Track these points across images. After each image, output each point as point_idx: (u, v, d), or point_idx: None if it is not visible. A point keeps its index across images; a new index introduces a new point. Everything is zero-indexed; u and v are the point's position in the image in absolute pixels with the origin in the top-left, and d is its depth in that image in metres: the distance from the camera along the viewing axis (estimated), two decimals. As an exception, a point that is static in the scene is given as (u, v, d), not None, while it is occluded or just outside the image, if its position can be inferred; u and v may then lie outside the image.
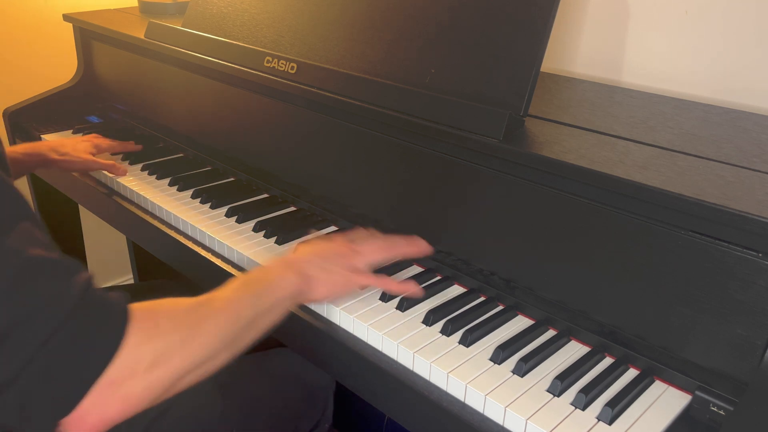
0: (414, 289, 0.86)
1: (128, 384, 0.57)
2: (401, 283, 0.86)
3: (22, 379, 0.52)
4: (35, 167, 1.20)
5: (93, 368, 0.55)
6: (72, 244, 1.68)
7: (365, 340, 0.82)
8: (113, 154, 1.31)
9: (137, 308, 0.60)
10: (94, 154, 1.23)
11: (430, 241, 0.94)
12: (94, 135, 1.32)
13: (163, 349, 0.59)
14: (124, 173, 1.24)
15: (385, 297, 0.87)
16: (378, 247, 0.87)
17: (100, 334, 0.56)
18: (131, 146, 1.32)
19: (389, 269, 0.93)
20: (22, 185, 1.54)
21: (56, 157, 1.18)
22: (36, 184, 1.54)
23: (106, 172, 1.24)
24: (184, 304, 0.65)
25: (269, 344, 0.82)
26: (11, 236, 0.55)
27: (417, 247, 0.90)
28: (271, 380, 1.02)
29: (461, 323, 0.81)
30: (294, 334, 0.89)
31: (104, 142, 1.29)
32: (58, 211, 1.61)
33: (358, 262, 0.84)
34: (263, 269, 0.78)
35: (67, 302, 0.55)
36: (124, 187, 1.21)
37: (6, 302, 0.52)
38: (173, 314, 0.63)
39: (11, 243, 0.54)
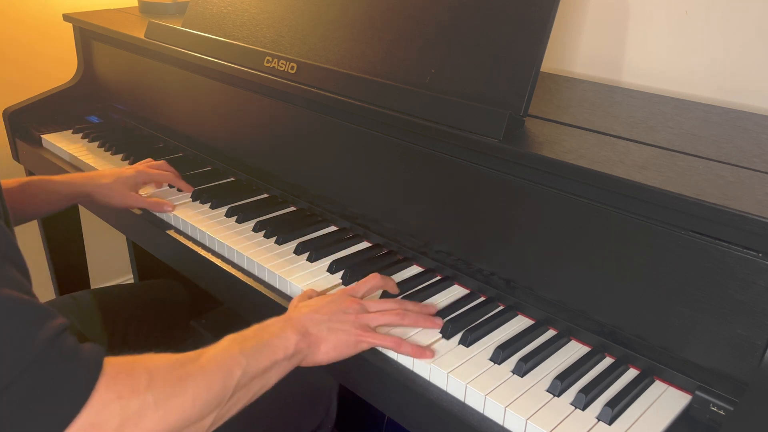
0: (430, 355, 0.77)
1: None
2: (416, 346, 0.76)
3: None
4: (74, 199, 1.11)
5: (54, 424, 0.50)
6: (72, 244, 1.68)
7: (365, 340, 0.82)
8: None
9: (112, 362, 0.55)
10: (138, 185, 1.14)
11: (430, 241, 0.94)
12: (140, 166, 1.17)
13: (135, 409, 0.54)
14: (169, 211, 1.11)
15: (386, 298, 0.87)
16: (389, 310, 0.80)
17: (65, 386, 0.51)
18: (182, 183, 1.18)
19: (389, 270, 0.93)
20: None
21: (96, 190, 1.09)
22: (36, 184, 1.54)
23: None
24: (165, 360, 0.59)
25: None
26: None
27: (431, 321, 0.81)
28: None
29: (461, 323, 0.81)
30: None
31: (154, 172, 1.15)
32: (58, 212, 1.60)
33: (369, 320, 0.78)
34: (261, 326, 0.71)
35: (33, 348, 0.51)
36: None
37: None
38: (151, 371, 0.57)
39: None
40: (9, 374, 0.50)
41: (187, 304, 1.30)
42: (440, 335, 0.80)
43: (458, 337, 0.80)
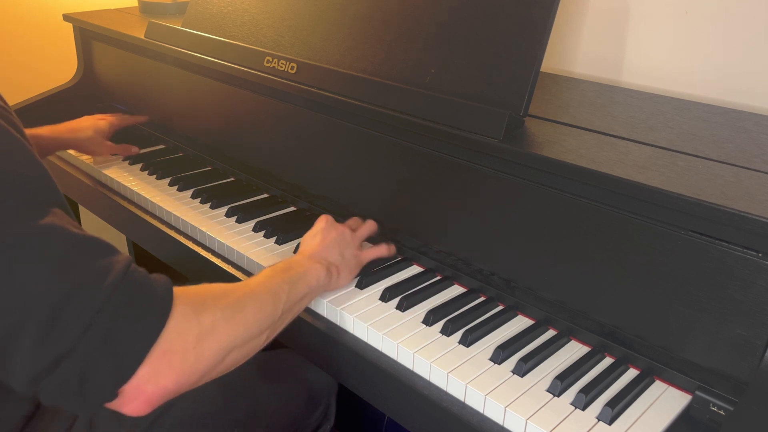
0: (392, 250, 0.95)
1: (180, 354, 0.58)
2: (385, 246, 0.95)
3: (81, 346, 0.54)
4: (56, 150, 1.28)
5: (147, 336, 0.56)
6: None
7: (365, 340, 0.82)
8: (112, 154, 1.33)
9: (179, 288, 0.62)
10: (110, 134, 1.31)
11: (430, 241, 0.94)
12: (106, 117, 1.35)
13: (208, 322, 0.62)
14: (137, 152, 1.32)
15: (386, 297, 0.87)
16: (367, 226, 0.98)
17: (149, 304, 0.58)
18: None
19: (389, 270, 0.93)
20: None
21: (79, 144, 1.27)
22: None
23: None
24: (220, 287, 0.68)
25: (271, 345, 0.83)
26: (54, 217, 0.57)
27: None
28: (273, 381, 1.02)
29: (461, 323, 0.81)
30: (295, 335, 0.89)
31: (116, 120, 1.34)
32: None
33: (358, 239, 0.93)
34: (290, 262, 0.81)
35: (116, 272, 0.56)
36: (124, 187, 1.21)
37: (60, 274, 0.54)
38: (214, 293, 0.66)
39: (54, 221, 0.56)
40: (104, 294, 0.55)
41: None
42: (441, 334, 0.80)
43: (458, 337, 0.80)
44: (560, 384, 0.72)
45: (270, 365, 1.05)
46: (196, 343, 0.60)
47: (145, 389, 0.57)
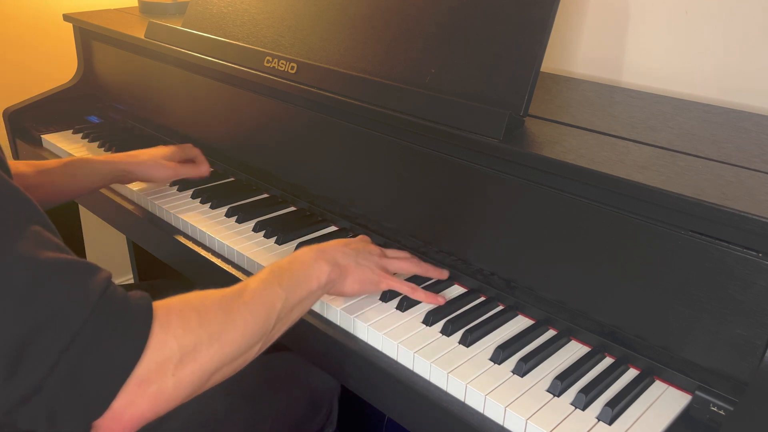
0: (441, 301, 0.85)
1: (158, 382, 0.56)
2: (430, 294, 0.85)
3: (48, 386, 0.52)
4: (116, 177, 1.12)
5: (121, 369, 0.54)
6: (72, 244, 1.67)
7: (365, 341, 0.82)
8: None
9: (162, 305, 0.59)
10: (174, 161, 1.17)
11: (430, 241, 0.94)
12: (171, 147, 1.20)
13: (191, 345, 0.59)
14: (207, 174, 1.18)
15: (386, 297, 0.87)
16: (407, 260, 0.89)
17: (124, 334, 0.55)
18: (201, 159, 1.22)
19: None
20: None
21: (135, 168, 1.12)
22: (36, 184, 1.54)
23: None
24: (211, 298, 0.64)
25: (273, 348, 0.82)
26: (22, 241, 0.53)
27: (440, 272, 0.90)
28: (275, 384, 1.02)
29: (461, 323, 0.81)
30: (296, 336, 0.89)
31: (186, 149, 1.21)
32: (58, 211, 1.60)
33: (389, 265, 0.86)
34: (295, 257, 0.77)
35: (86, 304, 0.53)
36: (124, 187, 1.21)
37: (24, 309, 0.51)
38: (201, 309, 0.62)
39: (23, 248, 0.53)
40: (72, 330, 0.52)
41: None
42: (441, 334, 0.80)
43: (458, 337, 0.80)
44: (560, 384, 0.72)
45: (272, 368, 1.04)
46: (175, 369, 0.57)
47: (120, 419, 0.55)
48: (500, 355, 0.76)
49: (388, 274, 0.85)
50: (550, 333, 0.82)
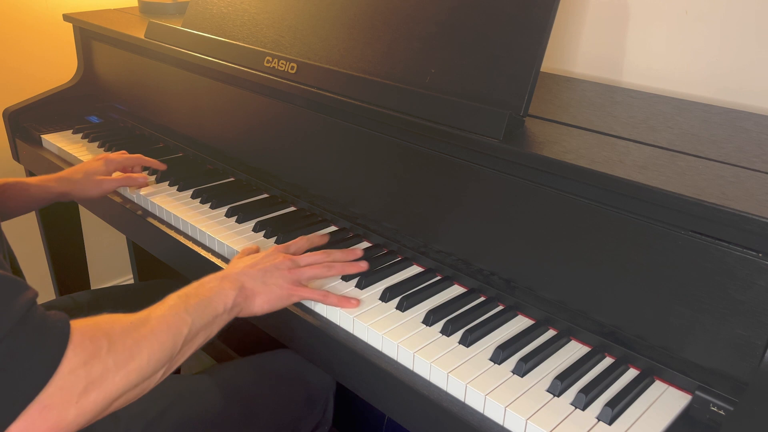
0: (355, 303, 0.85)
1: (59, 409, 0.56)
2: (342, 298, 0.85)
3: None
4: (51, 201, 1.13)
5: (26, 392, 0.54)
6: (72, 244, 1.68)
7: (365, 340, 0.82)
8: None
9: (78, 327, 0.59)
10: (108, 173, 1.17)
11: (430, 241, 0.94)
12: (104, 155, 1.21)
13: (98, 373, 0.59)
14: (144, 184, 1.17)
15: (386, 297, 0.87)
16: (317, 263, 0.88)
17: (36, 357, 0.55)
18: (151, 162, 1.22)
19: (389, 270, 0.93)
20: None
21: (70, 188, 1.12)
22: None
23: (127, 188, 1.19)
24: (120, 324, 0.64)
25: (270, 345, 0.82)
26: None
27: (357, 267, 0.90)
28: (271, 381, 1.02)
29: (461, 323, 0.81)
30: (294, 335, 0.89)
31: (116, 156, 1.20)
32: (58, 211, 1.61)
33: (299, 275, 0.85)
34: (200, 283, 0.77)
35: (5, 322, 0.54)
36: (124, 187, 1.21)
37: None
38: (110, 335, 0.62)
39: None
40: None
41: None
42: (441, 334, 0.80)
43: (458, 337, 0.80)
44: (560, 384, 0.72)
45: (268, 365, 1.05)
46: (79, 397, 0.57)
47: None
48: (500, 355, 0.76)
49: (299, 286, 0.84)
50: (550, 333, 0.82)
